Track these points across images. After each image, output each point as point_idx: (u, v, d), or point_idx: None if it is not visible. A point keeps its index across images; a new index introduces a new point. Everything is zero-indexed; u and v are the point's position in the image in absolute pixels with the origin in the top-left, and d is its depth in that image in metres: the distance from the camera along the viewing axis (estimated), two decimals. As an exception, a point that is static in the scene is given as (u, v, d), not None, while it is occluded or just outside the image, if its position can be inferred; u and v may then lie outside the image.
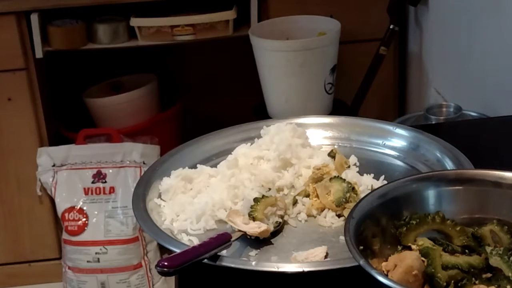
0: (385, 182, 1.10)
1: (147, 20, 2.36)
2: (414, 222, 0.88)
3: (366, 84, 2.35)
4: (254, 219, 1.03)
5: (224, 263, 0.93)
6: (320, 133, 1.28)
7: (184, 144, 1.26)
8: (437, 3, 2.19)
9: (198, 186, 1.15)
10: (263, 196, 1.07)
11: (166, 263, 0.87)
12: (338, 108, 2.30)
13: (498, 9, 1.74)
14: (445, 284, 0.80)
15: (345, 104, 2.37)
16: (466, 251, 0.87)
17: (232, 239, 0.97)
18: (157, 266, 0.87)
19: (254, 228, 1.00)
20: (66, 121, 2.59)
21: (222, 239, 0.95)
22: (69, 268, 2.34)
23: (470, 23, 1.90)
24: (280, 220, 1.05)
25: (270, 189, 1.12)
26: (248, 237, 1.00)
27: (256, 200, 1.06)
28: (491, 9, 1.78)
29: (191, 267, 0.89)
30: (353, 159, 1.19)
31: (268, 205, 1.05)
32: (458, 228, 0.88)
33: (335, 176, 1.10)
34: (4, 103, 2.36)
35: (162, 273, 0.87)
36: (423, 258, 0.83)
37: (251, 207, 1.04)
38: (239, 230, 1.00)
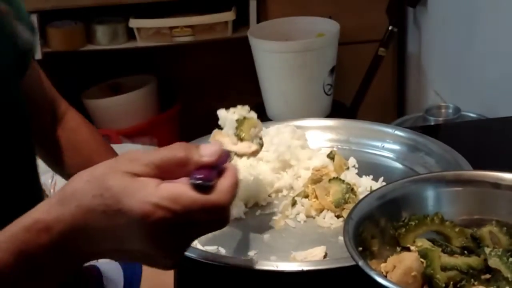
0: (384, 183, 1.10)
1: (146, 21, 2.37)
2: (413, 223, 0.88)
3: (365, 85, 2.35)
4: (241, 140, 0.96)
5: (224, 263, 0.93)
6: (319, 135, 1.28)
7: (184, 145, 1.25)
8: (436, 4, 2.20)
9: (198, 186, 1.14)
10: (244, 117, 1.00)
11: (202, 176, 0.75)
12: (337, 109, 2.30)
13: (497, 10, 1.74)
14: (444, 285, 0.80)
15: (344, 105, 2.37)
16: (465, 252, 0.87)
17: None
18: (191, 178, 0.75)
19: (245, 148, 0.94)
20: (65, 122, 2.59)
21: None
22: (68, 269, 2.33)
23: (469, 24, 1.90)
24: (261, 141, 0.99)
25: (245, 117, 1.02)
26: (239, 157, 0.95)
27: (238, 121, 0.99)
28: (489, 10, 1.78)
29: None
30: (352, 161, 1.19)
31: (251, 127, 0.99)
32: (457, 229, 0.88)
33: (334, 177, 1.10)
34: (4, 104, 2.35)
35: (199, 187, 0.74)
36: (422, 259, 0.83)
37: (236, 128, 0.98)
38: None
